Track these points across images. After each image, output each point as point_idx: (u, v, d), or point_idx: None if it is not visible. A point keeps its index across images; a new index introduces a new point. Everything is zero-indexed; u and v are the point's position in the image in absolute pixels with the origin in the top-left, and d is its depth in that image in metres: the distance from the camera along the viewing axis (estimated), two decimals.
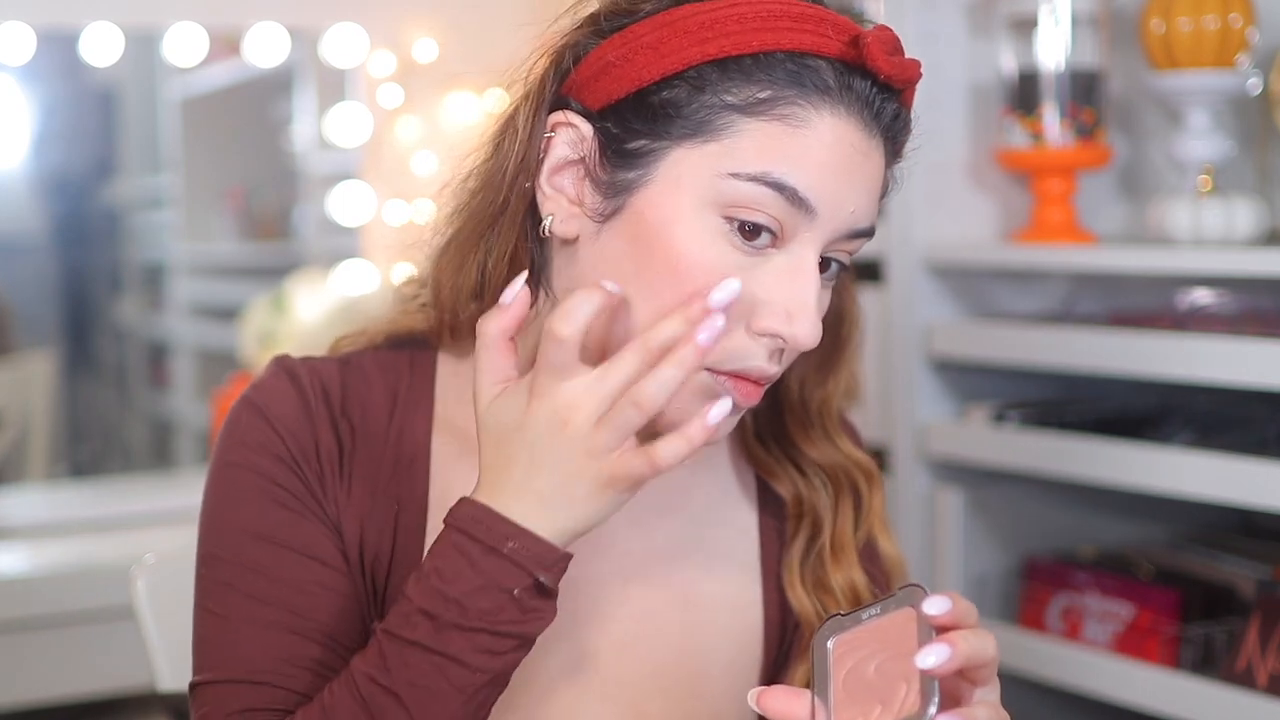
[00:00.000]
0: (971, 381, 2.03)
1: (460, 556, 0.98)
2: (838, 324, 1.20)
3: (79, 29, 2.69)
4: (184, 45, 2.80)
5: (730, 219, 1.01)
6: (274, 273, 3.05)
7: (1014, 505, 2.00)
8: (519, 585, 0.98)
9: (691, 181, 1.02)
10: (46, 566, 2.42)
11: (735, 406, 1.04)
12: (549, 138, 1.06)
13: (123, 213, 3.67)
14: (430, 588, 0.99)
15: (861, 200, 1.04)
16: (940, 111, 2.02)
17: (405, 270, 1.18)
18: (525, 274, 1.02)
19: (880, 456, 2.05)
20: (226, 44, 2.98)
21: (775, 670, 1.18)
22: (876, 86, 1.03)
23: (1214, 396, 1.87)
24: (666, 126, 1.02)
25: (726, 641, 1.16)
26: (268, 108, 3.40)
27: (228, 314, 3.12)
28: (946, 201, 2.02)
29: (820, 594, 1.17)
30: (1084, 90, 1.94)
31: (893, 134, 1.06)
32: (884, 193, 1.09)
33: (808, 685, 1.14)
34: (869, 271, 2.07)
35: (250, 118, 3.44)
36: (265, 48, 2.84)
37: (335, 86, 2.89)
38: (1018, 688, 1.94)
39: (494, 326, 1.01)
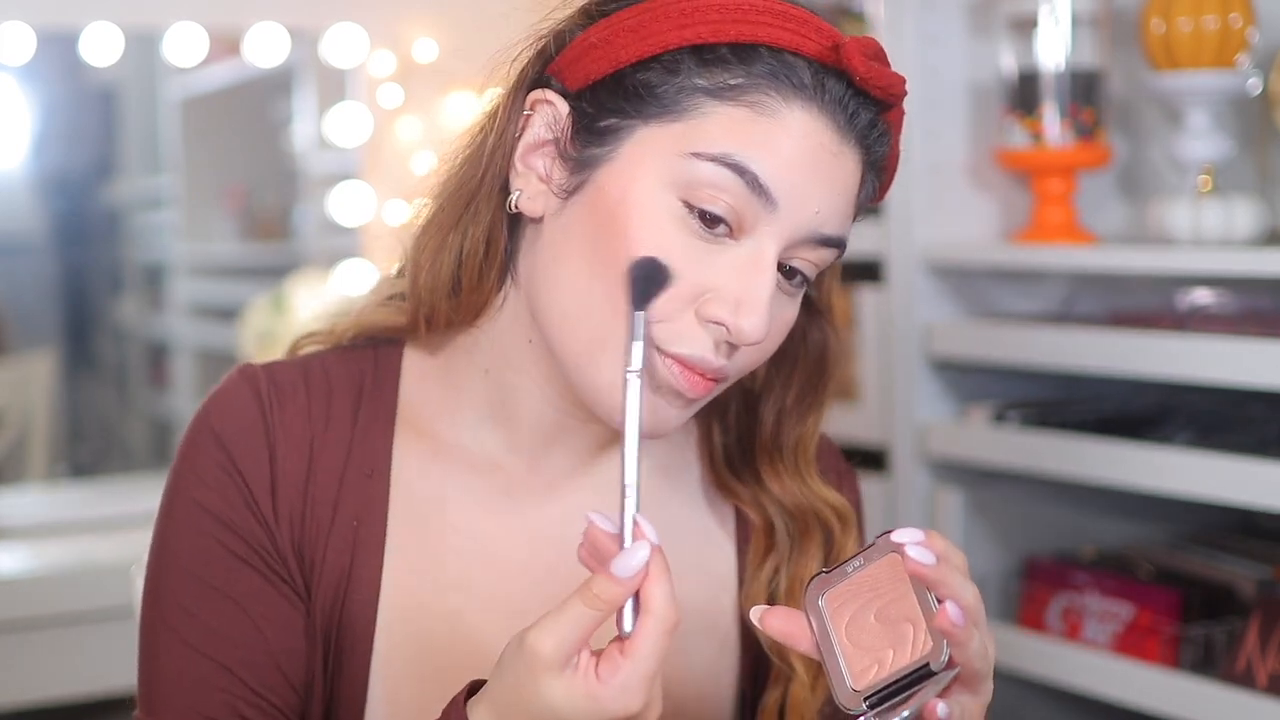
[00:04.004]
0: (971, 381, 2.02)
1: None
2: (821, 358, 1.17)
3: (79, 29, 2.68)
4: (184, 45, 2.79)
5: (689, 205, 1.00)
6: (274, 273, 3.05)
7: (1014, 505, 2.00)
8: None
9: (654, 160, 1.01)
10: (46, 566, 2.42)
11: (682, 397, 1.03)
12: (527, 116, 1.06)
13: (123, 213, 3.67)
14: None
15: (828, 202, 1.02)
16: (940, 111, 2.02)
17: (404, 251, 1.17)
18: (648, 545, 0.92)
19: (880, 456, 2.06)
20: (226, 44, 2.98)
21: (751, 682, 1.17)
22: (853, 90, 1.01)
23: (1214, 396, 1.87)
24: (638, 106, 1.02)
25: (697, 649, 1.15)
26: (268, 108, 3.40)
27: (228, 314, 3.12)
28: (946, 201, 2.02)
29: None
30: (1084, 90, 1.94)
31: (868, 143, 1.04)
32: (859, 208, 1.06)
33: (782, 707, 1.14)
34: (869, 271, 2.07)
35: (250, 118, 3.44)
36: (265, 48, 2.84)
37: (335, 86, 2.89)
38: (1018, 688, 1.94)
39: (609, 591, 0.91)
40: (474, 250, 1.08)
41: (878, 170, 1.06)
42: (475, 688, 0.96)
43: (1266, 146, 1.93)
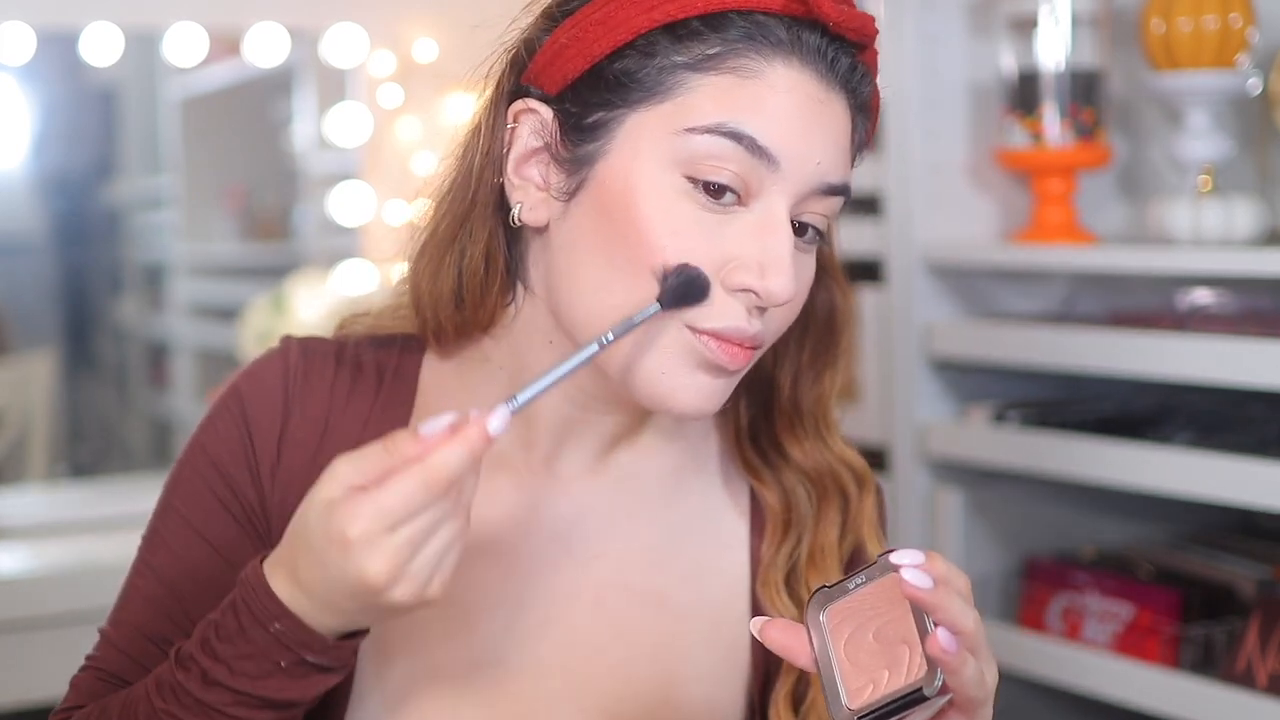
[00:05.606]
0: (971, 381, 2.02)
1: (235, 618, 0.98)
2: (830, 317, 1.17)
3: (79, 29, 2.68)
4: (184, 45, 2.79)
5: (693, 179, 1.01)
6: (274, 273, 3.04)
7: (1014, 505, 2.00)
8: (286, 660, 0.97)
9: (650, 144, 1.02)
10: (46, 566, 2.42)
11: (724, 370, 1.04)
12: (512, 129, 1.07)
13: (123, 213, 3.67)
14: (207, 639, 0.99)
15: (827, 152, 1.03)
16: (940, 111, 2.02)
17: (404, 271, 1.18)
18: (454, 414, 0.94)
19: (880, 456, 2.05)
20: (226, 44, 2.98)
21: (764, 682, 1.17)
22: (828, 38, 1.03)
23: (1214, 396, 1.87)
24: (622, 95, 1.03)
25: (705, 650, 1.15)
26: (268, 108, 3.40)
27: (228, 314, 3.12)
28: (946, 201, 2.02)
29: (798, 607, 1.13)
30: (1084, 90, 1.94)
31: (852, 86, 1.05)
32: (856, 151, 1.07)
33: (795, 694, 1.14)
34: (869, 271, 2.07)
35: (250, 118, 3.44)
36: (265, 48, 2.84)
37: (335, 86, 2.88)
38: (1018, 688, 1.94)
39: (406, 444, 0.93)
40: (474, 269, 1.09)
41: (865, 112, 1.08)
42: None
43: (1266, 146, 1.93)
